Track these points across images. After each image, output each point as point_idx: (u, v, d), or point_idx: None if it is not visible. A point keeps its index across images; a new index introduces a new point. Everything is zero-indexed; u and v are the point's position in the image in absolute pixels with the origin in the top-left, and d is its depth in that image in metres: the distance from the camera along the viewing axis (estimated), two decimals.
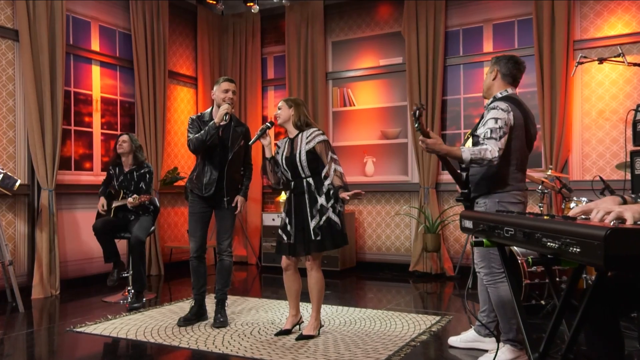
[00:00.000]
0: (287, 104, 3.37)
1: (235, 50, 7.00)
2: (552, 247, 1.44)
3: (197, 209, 3.76)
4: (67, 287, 5.03)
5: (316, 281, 3.31)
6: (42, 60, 4.78)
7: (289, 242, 3.30)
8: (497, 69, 2.84)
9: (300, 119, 3.35)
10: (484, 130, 2.64)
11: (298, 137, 3.34)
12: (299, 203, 3.29)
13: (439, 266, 5.69)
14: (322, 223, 3.22)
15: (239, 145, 3.71)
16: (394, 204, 6.16)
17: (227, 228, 3.75)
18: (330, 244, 3.24)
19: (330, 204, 3.26)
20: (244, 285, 5.59)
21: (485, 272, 2.80)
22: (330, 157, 3.26)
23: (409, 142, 6.06)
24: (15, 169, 4.79)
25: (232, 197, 3.74)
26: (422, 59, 5.79)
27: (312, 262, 3.29)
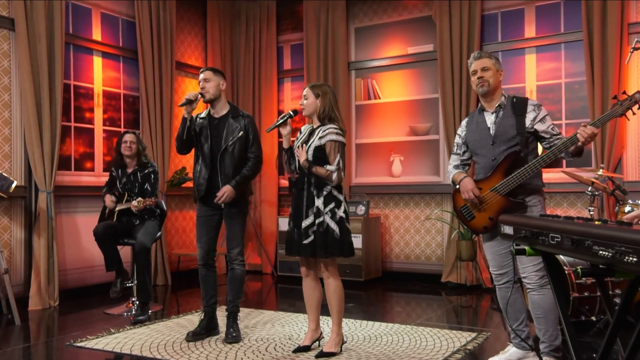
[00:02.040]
0: (313, 91, 3.37)
1: (249, 39, 7.04)
2: (605, 256, 1.42)
3: (201, 212, 3.80)
4: (66, 298, 5.11)
5: (334, 289, 3.31)
6: (39, 51, 4.87)
7: (292, 239, 3.35)
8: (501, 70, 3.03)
9: (325, 110, 3.33)
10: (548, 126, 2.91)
11: (317, 130, 3.36)
12: (298, 199, 3.34)
13: (474, 277, 5.64)
14: (316, 227, 3.23)
15: (236, 139, 3.71)
16: (424, 208, 6.12)
17: (235, 234, 3.76)
18: (322, 251, 3.23)
19: (328, 208, 3.25)
20: (258, 297, 5.61)
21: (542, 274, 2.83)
22: (336, 162, 3.24)
23: (440, 139, 6.02)
24: (11, 169, 4.89)
25: (234, 199, 3.73)
26: (456, 46, 5.74)
27: (325, 268, 3.30)
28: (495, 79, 2.96)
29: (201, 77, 3.74)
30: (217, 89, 3.73)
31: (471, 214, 3.04)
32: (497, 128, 2.96)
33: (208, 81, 3.72)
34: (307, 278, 3.43)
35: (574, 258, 2.19)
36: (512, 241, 2.08)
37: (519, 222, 2.06)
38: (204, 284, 3.83)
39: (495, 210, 2.92)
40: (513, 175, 2.85)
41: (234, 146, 3.71)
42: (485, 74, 2.96)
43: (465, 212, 3.07)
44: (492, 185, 2.92)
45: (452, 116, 5.74)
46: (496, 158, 2.94)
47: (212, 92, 3.72)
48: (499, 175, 2.91)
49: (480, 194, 2.96)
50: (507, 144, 2.91)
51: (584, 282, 3.73)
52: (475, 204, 2.99)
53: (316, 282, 3.43)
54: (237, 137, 3.71)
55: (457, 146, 3.20)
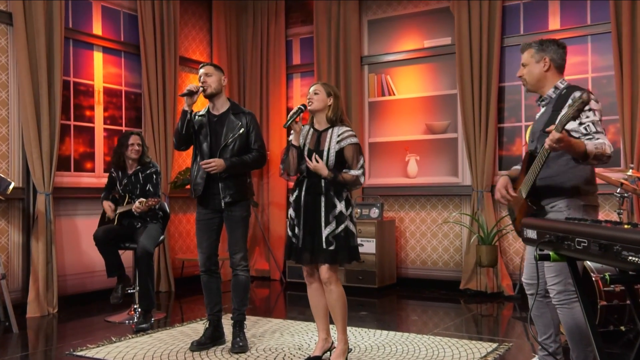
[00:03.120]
0: (326, 89, 3.38)
1: (256, 32, 7.06)
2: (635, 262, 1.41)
3: (201, 215, 3.82)
4: (65, 305, 5.15)
5: (338, 297, 3.31)
6: (38, 47, 4.92)
7: (298, 246, 3.34)
8: (549, 57, 2.88)
9: (337, 113, 3.38)
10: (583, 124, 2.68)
11: (327, 132, 3.36)
12: (313, 205, 3.31)
13: (495, 284, 5.61)
14: (339, 232, 3.24)
15: (237, 136, 3.72)
16: (441, 211, 6.10)
17: (238, 238, 3.77)
18: (345, 257, 3.26)
19: (349, 212, 3.29)
20: (266, 304, 5.62)
21: (559, 289, 2.75)
22: (360, 165, 3.31)
23: (459, 137, 6.00)
24: (9, 170, 4.94)
25: (234, 198, 3.73)
26: (475, 39, 5.72)
27: (328, 274, 3.28)
28: (533, 73, 2.88)
29: (202, 72, 3.76)
30: (218, 84, 3.76)
31: (513, 214, 2.99)
32: (534, 124, 2.92)
33: (209, 75, 3.74)
34: (312, 285, 3.42)
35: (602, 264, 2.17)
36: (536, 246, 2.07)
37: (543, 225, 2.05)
38: (207, 291, 3.84)
39: (521, 214, 2.89)
40: (526, 177, 2.81)
41: (234, 143, 3.72)
42: (522, 72, 2.91)
43: (510, 212, 3.04)
44: (519, 186, 2.89)
45: (471, 113, 5.72)
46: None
47: (214, 86, 3.74)
48: (522, 175, 2.88)
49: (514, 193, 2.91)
50: (539, 142, 2.84)
51: (612, 289, 3.70)
52: (512, 204, 2.94)
53: (321, 288, 3.41)
54: (237, 134, 3.73)
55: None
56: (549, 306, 2.91)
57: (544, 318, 2.98)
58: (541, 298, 2.92)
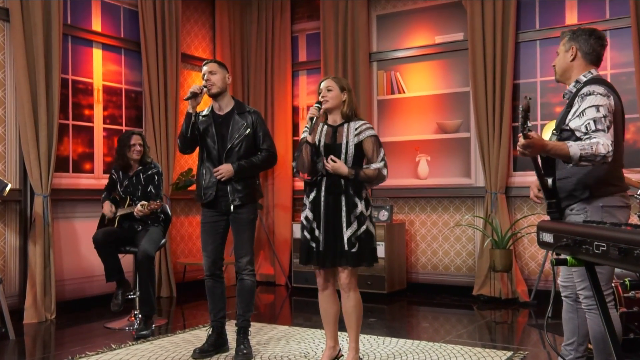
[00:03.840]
0: (339, 84, 3.37)
1: (261, 28, 7.07)
2: None
3: (206, 218, 3.83)
4: (64, 311, 5.17)
5: (355, 304, 3.32)
6: (35, 43, 4.94)
7: (319, 249, 3.31)
8: (576, 46, 2.83)
9: (352, 107, 3.38)
10: (584, 122, 2.61)
11: (343, 126, 3.36)
12: (333, 204, 3.30)
13: (510, 290, 5.59)
14: (361, 233, 3.24)
15: (243, 136, 3.73)
16: (453, 213, 6.09)
17: (244, 241, 3.78)
18: (369, 259, 3.27)
19: (369, 212, 3.30)
20: (271, 310, 5.62)
21: (587, 294, 2.74)
22: (381, 158, 3.30)
23: (471, 137, 5.98)
24: (5, 171, 4.97)
25: (243, 201, 3.74)
26: (489, 35, 5.71)
27: (349, 279, 3.29)
28: (560, 62, 2.85)
29: (205, 70, 3.77)
30: (223, 82, 3.77)
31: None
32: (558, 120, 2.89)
33: (214, 74, 3.74)
34: (325, 291, 3.42)
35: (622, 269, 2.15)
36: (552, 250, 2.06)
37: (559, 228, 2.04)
38: (211, 296, 3.85)
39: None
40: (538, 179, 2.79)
41: (240, 144, 3.73)
42: (555, 61, 2.89)
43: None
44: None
45: (484, 112, 5.70)
46: None
47: (218, 85, 3.75)
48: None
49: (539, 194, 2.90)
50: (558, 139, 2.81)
51: (632, 295, 3.67)
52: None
53: (334, 295, 3.43)
54: (244, 135, 3.73)
55: None
56: (578, 312, 2.89)
57: (571, 324, 2.96)
58: (572, 302, 2.91)
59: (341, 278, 3.31)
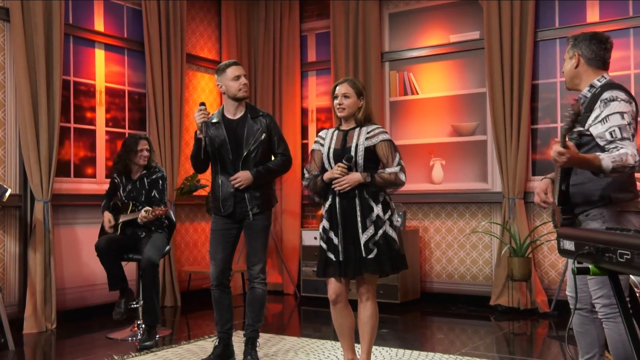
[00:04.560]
0: (356, 90, 3.35)
1: (268, 27, 7.09)
2: None
3: (218, 225, 3.83)
4: (65, 320, 5.19)
5: (371, 314, 3.30)
6: (36, 44, 4.98)
7: (338, 259, 3.28)
8: (579, 53, 2.86)
9: (367, 113, 3.37)
10: (608, 129, 2.63)
11: (354, 130, 3.35)
12: (348, 210, 3.29)
13: (529, 300, 5.56)
14: (378, 238, 3.22)
15: (259, 142, 3.74)
16: (469, 219, 6.06)
17: (258, 249, 3.79)
18: (389, 266, 3.24)
19: (387, 215, 3.27)
20: (279, 321, 5.62)
21: (604, 302, 2.72)
22: (397, 162, 3.29)
23: (488, 140, 5.96)
24: (5, 175, 5.00)
25: (261, 208, 3.76)
26: (506, 33, 5.69)
27: (367, 288, 3.27)
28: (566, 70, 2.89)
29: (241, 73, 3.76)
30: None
31: (554, 220, 2.96)
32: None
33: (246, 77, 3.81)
34: (337, 304, 3.35)
35: None
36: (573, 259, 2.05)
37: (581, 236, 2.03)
38: (218, 307, 3.85)
39: (558, 222, 2.87)
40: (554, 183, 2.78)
41: (256, 150, 3.74)
42: (563, 66, 2.90)
43: (552, 218, 3.01)
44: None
45: (501, 114, 5.69)
46: None
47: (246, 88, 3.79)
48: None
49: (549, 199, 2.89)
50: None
51: None
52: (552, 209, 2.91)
53: (348, 307, 3.39)
54: (259, 140, 3.74)
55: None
56: (595, 322, 2.87)
57: (589, 335, 2.94)
58: (587, 313, 2.89)
59: (360, 286, 3.29)
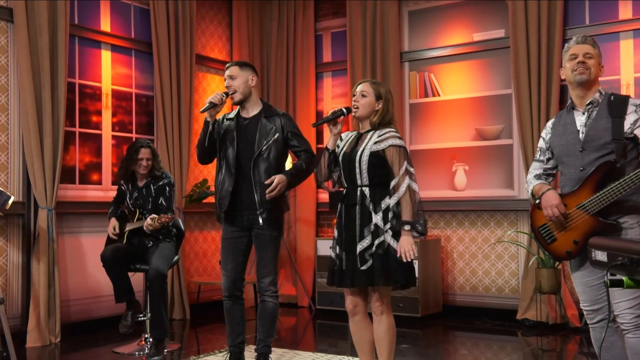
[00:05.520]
0: (375, 91, 3.35)
1: (282, 26, 7.12)
2: None
3: (227, 233, 3.85)
4: (69, 333, 5.23)
5: (387, 329, 3.29)
6: (40, 45, 5.05)
7: (341, 268, 3.31)
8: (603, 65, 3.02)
9: (385, 119, 3.36)
10: None
11: (368, 134, 3.35)
12: (348, 217, 3.32)
13: (558, 313, 5.52)
14: (375, 249, 3.22)
15: (271, 142, 3.74)
16: (494, 228, 6.04)
17: (268, 260, 3.80)
18: (382, 278, 3.21)
19: (388, 226, 3.25)
20: (292, 335, 5.62)
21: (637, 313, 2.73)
22: (405, 169, 3.25)
23: (514, 144, 5.94)
24: (8, 182, 5.06)
25: (271, 214, 3.74)
26: (533, 31, 5.68)
27: (380, 301, 3.26)
28: (596, 69, 2.93)
29: (226, 74, 3.80)
30: (245, 86, 3.79)
31: (552, 235, 2.98)
32: (588, 131, 2.91)
33: (234, 78, 3.77)
34: (355, 316, 3.38)
35: None
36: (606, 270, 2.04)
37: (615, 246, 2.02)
38: (230, 319, 3.86)
39: (581, 233, 2.86)
40: (606, 191, 2.78)
41: (269, 150, 3.74)
42: (588, 61, 2.92)
43: (545, 232, 3.02)
44: (580, 201, 2.87)
45: (528, 116, 5.66)
46: (585, 168, 2.88)
47: (240, 90, 3.78)
48: (588, 189, 2.85)
49: (566, 211, 2.91)
50: (599, 152, 2.85)
51: None
52: (558, 223, 2.93)
53: (366, 319, 3.40)
54: (272, 140, 3.75)
55: (540, 152, 3.16)
56: (618, 333, 2.89)
57: (615, 348, 2.93)
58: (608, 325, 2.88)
59: (371, 300, 3.29)
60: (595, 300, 2.91)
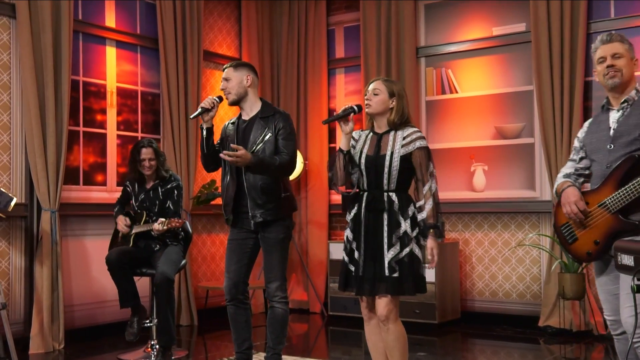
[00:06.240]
0: (388, 88, 3.36)
1: (292, 21, 7.13)
2: None
3: (233, 234, 3.89)
4: (73, 340, 5.25)
5: (397, 337, 3.29)
6: (44, 42, 5.09)
7: (358, 274, 3.31)
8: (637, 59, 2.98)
9: (403, 116, 3.37)
10: None
11: (389, 135, 3.36)
12: (374, 224, 3.30)
13: (582, 320, 5.50)
14: (403, 257, 3.23)
15: (262, 143, 3.75)
16: (514, 231, 6.02)
17: (274, 264, 3.80)
18: (410, 287, 3.24)
19: (415, 232, 3.28)
20: (304, 342, 5.63)
21: None
22: (430, 172, 3.30)
23: (535, 143, 5.92)
24: (10, 183, 5.10)
25: (265, 217, 3.74)
26: (555, 25, 5.65)
27: (388, 309, 3.26)
28: (629, 68, 2.91)
29: (222, 77, 3.87)
30: (240, 87, 3.82)
31: (573, 234, 2.96)
32: (618, 127, 2.89)
33: (228, 80, 3.83)
34: (371, 321, 3.40)
35: None
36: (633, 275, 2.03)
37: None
38: (234, 325, 3.88)
39: (602, 232, 2.84)
40: (626, 188, 2.75)
41: (261, 152, 3.74)
42: (617, 62, 2.90)
43: (567, 231, 3.00)
44: (601, 198, 2.84)
45: (550, 113, 5.64)
46: (611, 165, 2.86)
47: (234, 92, 3.81)
48: (610, 186, 2.83)
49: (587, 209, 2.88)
50: (627, 148, 2.82)
51: None
52: (579, 221, 2.91)
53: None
54: (264, 140, 3.75)
55: (574, 151, 3.14)
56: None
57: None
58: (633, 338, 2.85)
59: (378, 307, 3.28)
60: (617, 309, 2.86)
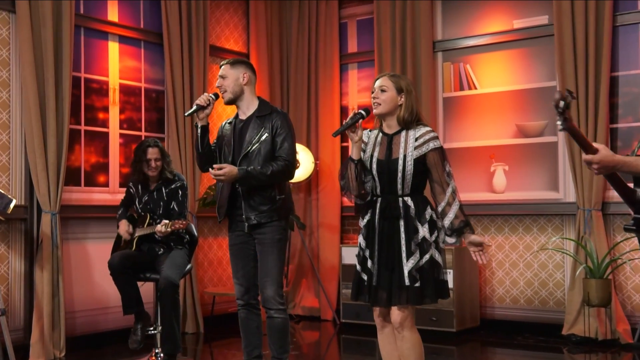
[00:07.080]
0: (395, 84, 3.36)
1: (303, 14, 7.14)
2: None
3: (233, 239, 3.93)
4: (74, 347, 5.28)
5: (412, 345, 3.29)
6: (44, 37, 5.13)
7: (371, 283, 3.32)
8: None
9: (413, 113, 3.36)
10: None
11: (401, 135, 3.35)
12: (390, 231, 3.31)
13: (608, 328, 5.48)
14: (424, 264, 3.23)
15: (258, 142, 3.77)
16: (537, 234, 6.01)
17: (270, 267, 3.80)
18: (432, 294, 3.25)
19: (434, 237, 3.28)
20: (315, 351, 5.64)
21: None
22: (447, 172, 3.30)
23: (559, 142, 5.91)
24: (10, 184, 5.14)
25: (259, 219, 3.76)
26: (579, 17, 5.64)
27: (403, 317, 3.26)
28: None
29: (218, 74, 3.90)
30: (236, 85, 3.85)
31: None
32: None
33: (225, 78, 3.86)
34: (385, 329, 3.41)
35: None
36: None
37: None
38: (245, 330, 3.90)
39: None
40: None
41: (258, 151, 3.77)
42: None
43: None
44: None
45: (574, 111, 5.62)
46: None
47: (230, 89, 3.84)
48: None
49: None
50: None
51: None
52: None
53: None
54: (260, 141, 3.78)
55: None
56: None
57: None
58: None
59: (393, 315, 3.28)
60: None
